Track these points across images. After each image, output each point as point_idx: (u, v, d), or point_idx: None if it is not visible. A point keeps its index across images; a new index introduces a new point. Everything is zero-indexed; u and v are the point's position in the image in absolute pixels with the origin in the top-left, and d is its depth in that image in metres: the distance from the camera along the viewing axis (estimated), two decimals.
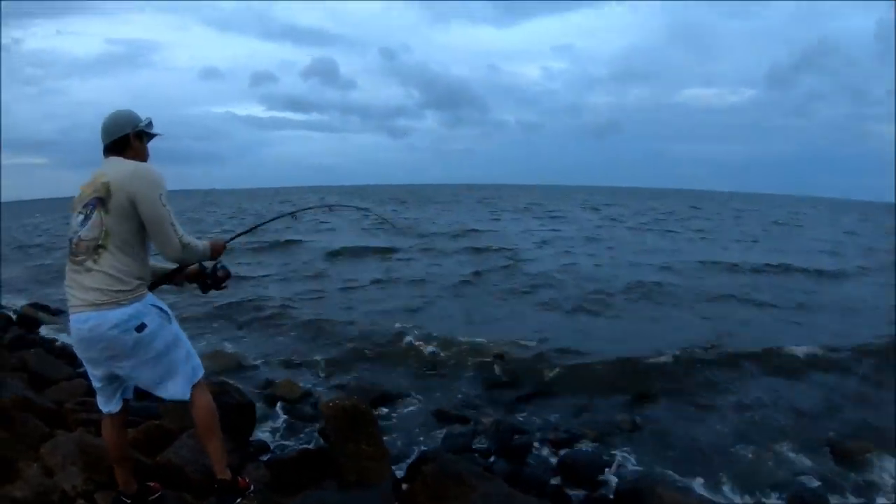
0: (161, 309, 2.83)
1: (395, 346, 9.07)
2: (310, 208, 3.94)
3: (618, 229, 29.71)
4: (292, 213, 4.33)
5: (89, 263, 2.66)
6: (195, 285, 3.22)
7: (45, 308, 10.90)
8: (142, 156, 2.88)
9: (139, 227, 2.70)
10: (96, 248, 2.65)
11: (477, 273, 15.29)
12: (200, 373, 3.01)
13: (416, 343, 9.08)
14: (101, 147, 2.87)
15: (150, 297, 2.82)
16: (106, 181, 2.66)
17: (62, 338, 8.56)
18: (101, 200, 2.65)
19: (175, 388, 2.89)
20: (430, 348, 8.80)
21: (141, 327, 2.70)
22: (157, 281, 3.03)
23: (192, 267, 3.10)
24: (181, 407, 3.32)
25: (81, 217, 2.70)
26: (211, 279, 3.17)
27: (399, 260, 18.23)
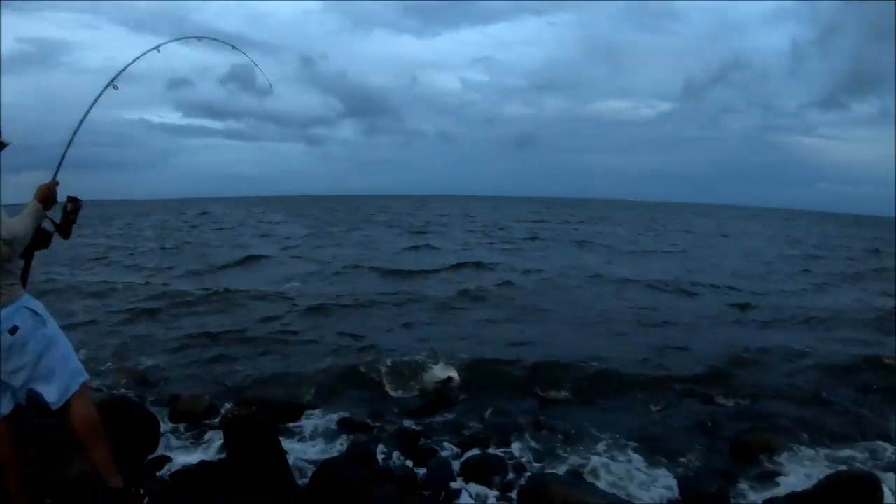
0: (34, 312, 2.86)
1: (303, 357, 9.01)
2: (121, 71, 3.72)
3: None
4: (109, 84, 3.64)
5: None
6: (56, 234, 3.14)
7: None
8: None
9: None
10: None
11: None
12: (81, 378, 3.00)
13: (329, 354, 9.06)
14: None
15: (26, 300, 2.86)
16: None
17: None
18: None
19: (51, 393, 2.89)
20: (344, 360, 8.71)
21: (14, 329, 2.75)
22: (29, 253, 2.97)
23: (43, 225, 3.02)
24: None
25: None
26: (63, 221, 3.12)
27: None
